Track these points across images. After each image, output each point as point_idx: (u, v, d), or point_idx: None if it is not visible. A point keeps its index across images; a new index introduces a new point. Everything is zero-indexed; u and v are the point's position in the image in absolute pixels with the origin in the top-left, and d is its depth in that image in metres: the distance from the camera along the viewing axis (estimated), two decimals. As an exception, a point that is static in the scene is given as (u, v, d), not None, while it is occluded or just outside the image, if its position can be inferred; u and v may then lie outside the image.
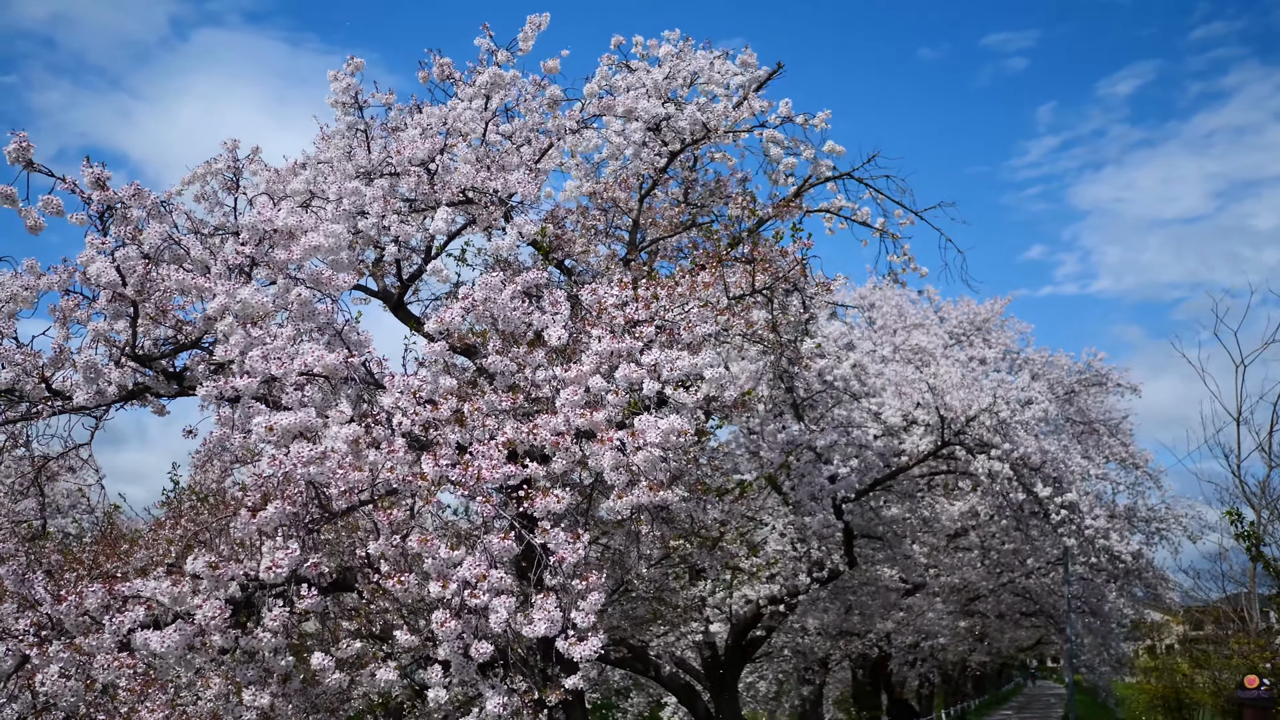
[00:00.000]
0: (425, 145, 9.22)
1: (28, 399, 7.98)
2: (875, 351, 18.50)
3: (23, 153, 7.86)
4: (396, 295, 10.79)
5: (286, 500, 6.79)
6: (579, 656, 6.58)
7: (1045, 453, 16.61)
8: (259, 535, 6.85)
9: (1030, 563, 25.24)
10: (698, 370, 7.70)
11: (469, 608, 6.69)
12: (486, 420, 7.46)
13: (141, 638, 6.60)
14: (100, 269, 7.70)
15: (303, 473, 6.64)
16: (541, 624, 6.60)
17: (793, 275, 12.23)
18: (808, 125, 12.82)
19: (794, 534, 16.93)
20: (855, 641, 25.03)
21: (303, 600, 6.84)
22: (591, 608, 6.71)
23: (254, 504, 6.80)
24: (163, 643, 6.54)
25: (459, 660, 6.82)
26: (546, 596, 6.68)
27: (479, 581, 6.66)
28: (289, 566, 6.66)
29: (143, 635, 6.60)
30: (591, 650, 6.57)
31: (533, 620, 6.63)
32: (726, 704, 18.73)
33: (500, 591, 6.65)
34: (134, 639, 6.72)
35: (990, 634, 38.04)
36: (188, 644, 6.67)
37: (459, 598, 6.67)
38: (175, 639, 6.56)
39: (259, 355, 7.19)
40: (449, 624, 6.64)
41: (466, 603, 6.64)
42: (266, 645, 6.87)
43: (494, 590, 6.65)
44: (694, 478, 13.11)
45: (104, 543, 11.82)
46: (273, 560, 6.63)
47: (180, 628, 6.61)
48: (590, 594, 6.76)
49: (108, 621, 6.73)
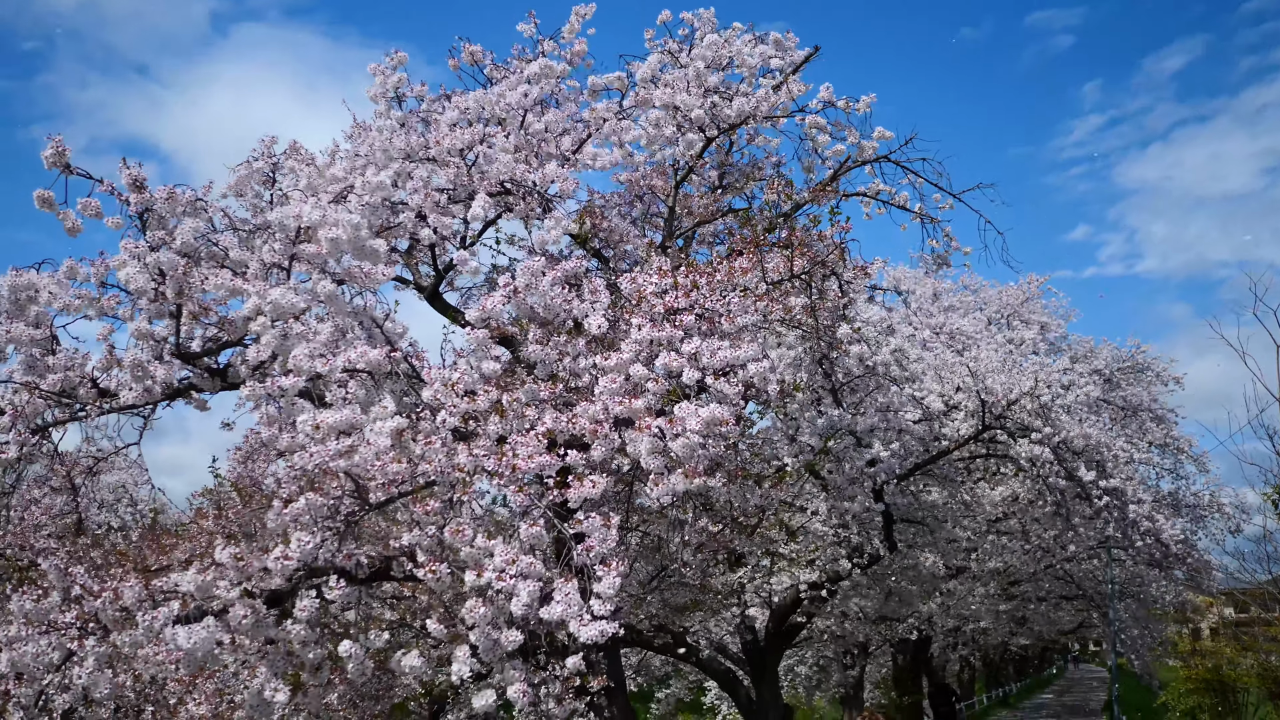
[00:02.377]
0: (465, 135, 9.19)
1: (78, 401, 8.04)
2: (915, 336, 18.34)
3: (59, 156, 7.91)
4: (431, 285, 10.79)
5: (320, 492, 6.79)
6: (585, 637, 6.55)
7: (1088, 437, 16.40)
8: (293, 527, 6.85)
9: (1072, 548, 24.99)
10: (740, 362, 7.63)
11: (496, 591, 6.69)
12: (526, 410, 7.44)
13: (170, 633, 6.61)
14: (131, 275, 7.71)
15: (337, 465, 6.64)
16: (559, 607, 6.58)
17: (831, 260, 12.12)
18: (850, 109, 12.67)
19: (834, 519, 16.84)
20: (896, 626, 24.91)
21: (332, 591, 6.83)
22: (606, 591, 6.64)
23: (287, 496, 6.80)
24: (189, 638, 6.55)
25: (487, 645, 6.80)
26: (568, 580, 6.66)
27: (508, 567, 6.66)
28: (300, 559, 6.64)
29: (172, 630, 6.62)
30: (598, 632, 6.51)
31: (550, 605, 6.61)
32: (767, 689, 18.70)
33: (525, 576, 6.64)
34: (164, 634, 6.73)
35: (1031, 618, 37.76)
36: (215, 640, 6.68)
37: (490, 586, 6.66)
38: (202, 635, 6.57)
39: (303, 353, 7.20)
40: (479, 609, 6.65)
41: (494, 587, 6.64)
42: (295, 637, 6.88)
43: (521, 574, 6.63)
44: (734, 464, 13.06)
45: (149, 538, 11.94)
46: (283, 552, 6.64)
47: (208, 624, 6.63)
48: (606, 579, 6.69)
49: (141, 616, 6.76)
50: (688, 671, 27.05)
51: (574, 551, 6.81)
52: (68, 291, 7.97)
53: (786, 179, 13.41)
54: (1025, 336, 25.08)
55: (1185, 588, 26.08)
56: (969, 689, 46.96)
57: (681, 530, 13.48)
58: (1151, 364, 28.88)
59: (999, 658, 56.25)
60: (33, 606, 6.98)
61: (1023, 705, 51.85)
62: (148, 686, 8.42)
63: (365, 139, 9.87)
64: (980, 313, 25.33)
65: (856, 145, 12.89)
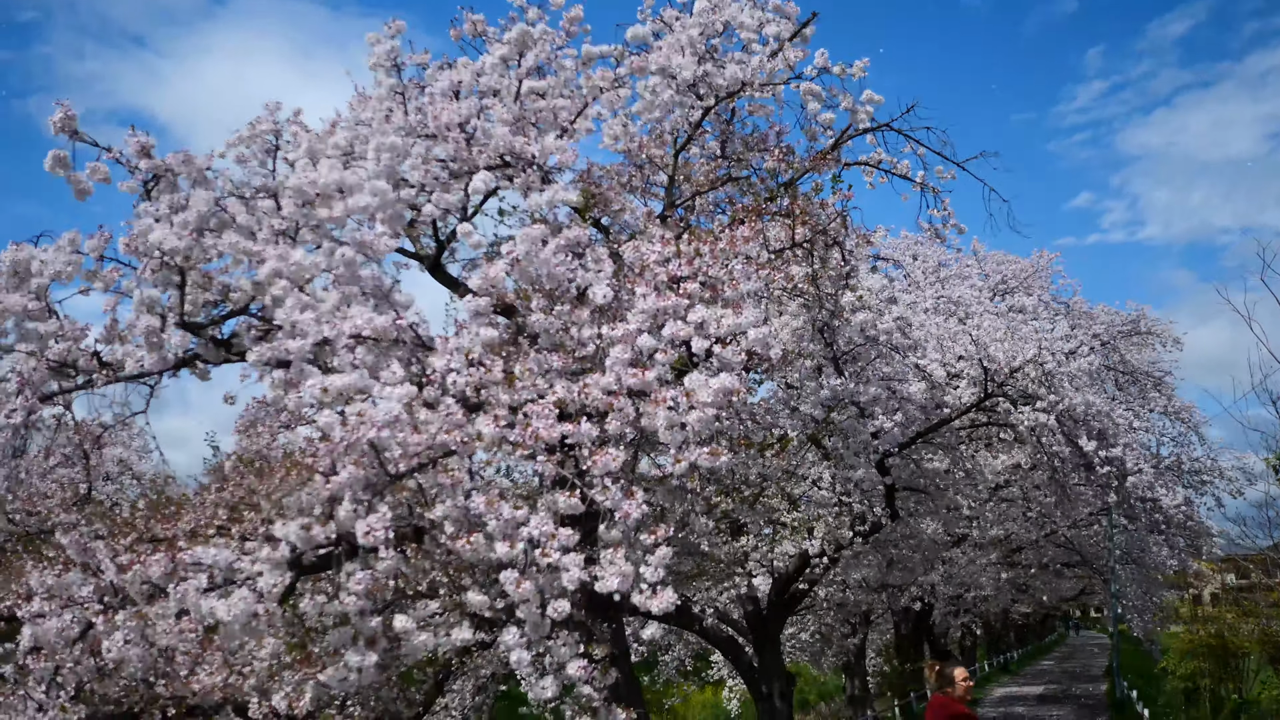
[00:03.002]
0: (462, 108, 9.14)
1: (81, 372, 8.04)
2: (916, 304, 18.34)
3: (68, 122, 7.90)
4: (434, 256, 10.76)
5: (355, 464, 6.76)
6: (657, 609, 6.57)
7: (1090, 405, 16.44)
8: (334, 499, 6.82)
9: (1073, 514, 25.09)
10: (743, 328, 7.64)
11: (539, 567, 6.67)
12: (537, 380, 7.43)
13: (207, 605, 6.62)
14: (163, 236, 7.68)
15: (372, 436, 6.63)
16: (614, 579, 6.59)
17: (833, 228, 12.12)
18: (845, 75, 12.59)
19: (837, 488, 16.90)
20: (898, 594, 25.05)
21: (381, 561, 6.79)
22: (660, 561, 6.69)
23: (325, 468, 6.77)
24: (228, 610, 6.56)
25: (535, 620, 6.80)
26: (616, 551, 6.68)
27: (549, 540, 6.65)
28: (383, 529, 6.63)
29: (208, 604, 6.63)
30: (668, 603, 6.56)
31: (604, 576, 6.62)
32: (769, 656, 18.82)
33: (569, 549, 6.64)
34: (198, 606, 6.73)
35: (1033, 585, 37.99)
36: (253, 611, 6.68)
37: (527, 557, 6.66)
38: (240, 607, 6.58)
39: (311, 318, 7.19)
40: (524, 585, 6.62)
41: (537, 562, 6.62)
42: (353, 608, 6.81)
43: (564, 548, 6.63)
44: (737, 434, 13.10)
45: (154, 508, 12.00)
46: (369, 525, 6.59)
47: (244, 595, 6.63)
48: (659, 549, 6.73)
49: (171, 589, 6.77)
50: (689, 638, 27.21)
51: (610, 521, 6.82)
52: (60, 258, 7.92)
53: (788, 147, 13.36)
54: (1025, 303, 25.09)
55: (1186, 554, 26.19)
56: (971, 656, 47.27)
57: (691, 499, 13.53)
58: (1152, 327, 28.88)
59: (1000, 625, 56.62)
60: (55, 581, 7.01)
61: (1024, 671, 52.19)
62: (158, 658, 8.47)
63: (366, 107, 9.81)
64: (984, 280, 25.33)
65: (850, 111, 12.82)
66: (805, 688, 37.52)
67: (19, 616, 7.06)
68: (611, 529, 6.88)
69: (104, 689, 8.16)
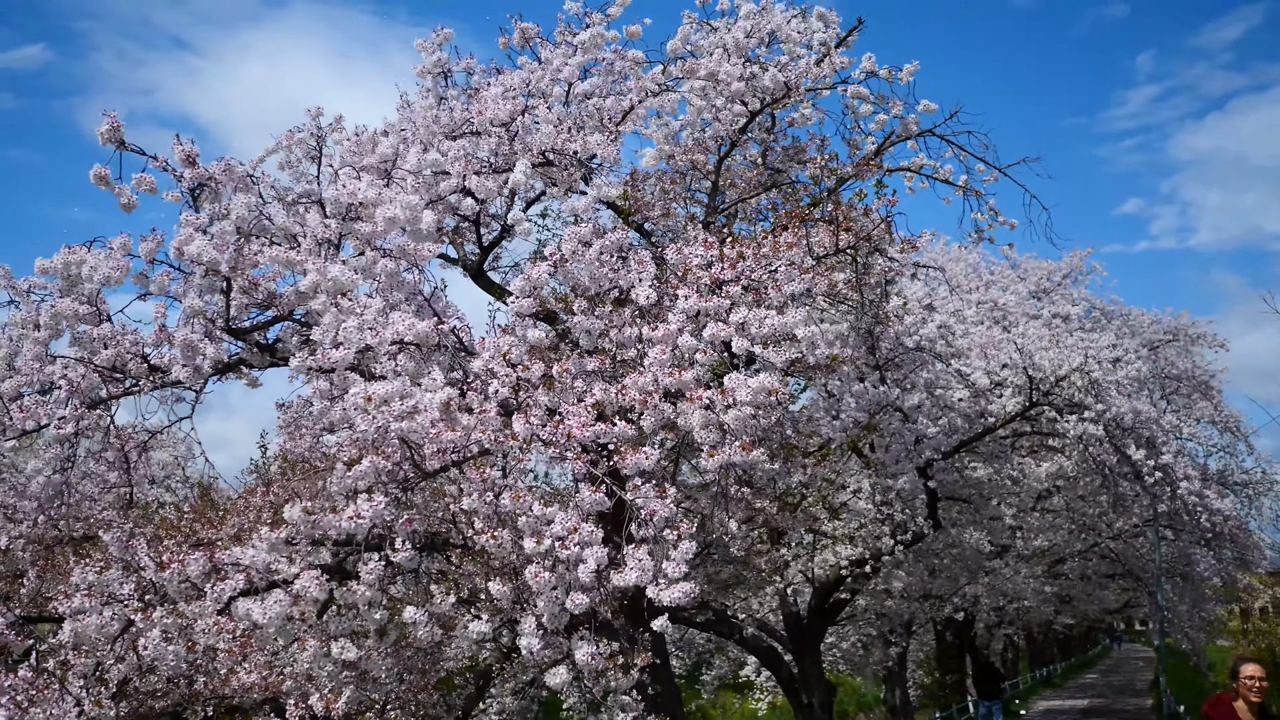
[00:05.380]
0: (507, 106, 9.18)
1: (130, 376, 8.14)
2: (959, 312, 18.17)
3: (115, 133, 8.02)
4: (477, 263, 10.80)
5: (381, 456, 6.82)
6: (669, 601, 6.54)
7: (1138, 413, 16.19)
8: (354, 491, 6.90)
9: (1119, 524, 24.73)
10: (787, 329, 7.59)
11: (560, 559, 6.69)
12: (575, 382, 7.44)
13: (244, 608, 6.70)
14: (200, 248, 7.79)
15: (396, 429, 6.68)
16: (633, 573, 6.59)
17: (876, 234, 12.01)
18: (893, 79, 12.52)
19: (878, 496, 16.76)
20: (940, 604, 24.80)
21: (397, 554, 6.86)
22: (683, 556, 6.68)
23: (349, 459, 6.85)
24: (264, 614, 6.64)
25: (554, 612, 6.81)
26: (638, 547, 6.67)
27: (570, 534, 6.67)
28: (372, 517, 6.68)
29: (245, 606, 6.70)
30: (681, 595, 6.53)
31: (625, 571, 6.61)
32: (810, 666, 18.69)
33: (590, 543, 6.66)
34: (235, 608, 6.84)
35: (1076, 596, 37.48)
36: (287, 614, 6.75)
37: (553, 554, 6.67)
38: (276, 610, 6.65)
39: (353, 326, 7.24)
40: (543, 575, 6.65)
41: (558, 555, 6.64)
42: (362, 598, 6.92)
43: (584, 542, 6.65)
44: (778, 441, 13.02)
45: (199, 512, 12.11)
46: (356, 510, 6.66)
47: (279, 598, 6.70)
48: (681, 544, 6.72)
49: (209, 589, 6.86)
50: (730, 648, 27.09)
51: (638, 518, 6.81)
52: (109, 263, 8.04)
53: (832, 154, 13.28)
54: (1071, 312, 24.77)
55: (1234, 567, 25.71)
56: (1013, 668, 46.73)
57: (725, 503, 13.47)
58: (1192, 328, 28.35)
59: (1043, 636, 55.94)
60: (95, 578, 7.10)
61: (1068, 685, 51.51)
62: (200, 657, 8.54)
63: (410, 115, 9.88)
64: (1021, 284, 25.06)
65: (900, 118, 12.73)
66: (845, 698, 37.23)
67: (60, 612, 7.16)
68: (641, 527, 6.85)
69: (145, 686, 8.24)
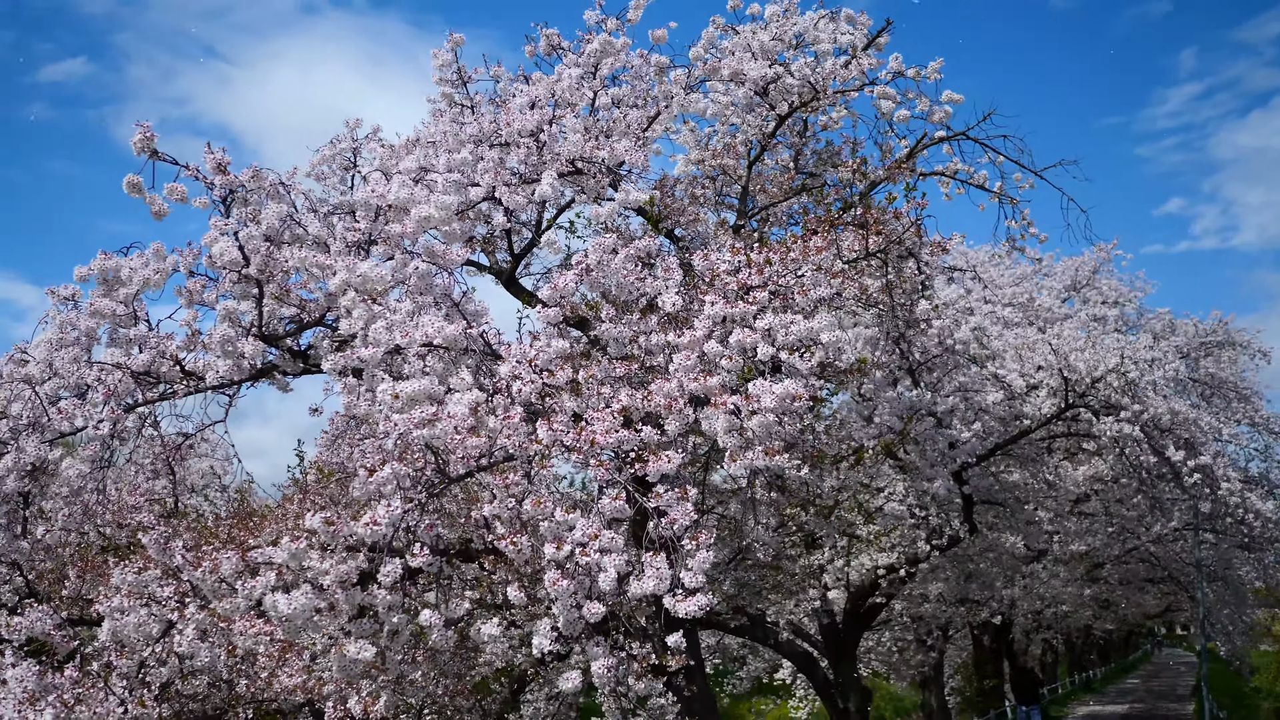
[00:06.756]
0: (534, 117, 9.25)
1: (163, 380, 8.29)
2: (994, 313, 18.06)
3: (147, 143, 8.17)
4: (508, 270, 10.89)
5: (404, 463, 6.88)
6: (684, 613, 6.52)
7: (1176, 414, 16.01)
8: (377, 496, 6.96)
9: (1157, 529, 24.45)
10: (813, 334, 7.59)
11: (579, 566, 6.69)
12: (601, 388, 7.48)
13: (270, 600, 6.80)
14: (224, 249, 7.94)
15: (418, 435, 6.73)
16: (651, 581, 6.57)
17: (907, 237, 11.99)
18: (920, 78, 12.50)
19: (912, 500, 16.68)
20: (976, 608, 24.63)
21: (415, 558, 6.90)
22: (700, 566, 6.63)
23: (371, 465, 6.91)
24: (289, 605, 6.72)
25: (570, 618, 6.84)
26: (656, 555, 6.65)
27: (591, 541, 6.67)
28: (389, 523, 6.74)
29: (272, 598, 6.80)
30: (697, 607, 6.49)
31: (643, 579, 6.61)
32: (845, 671, 18.63)
33: (609, 550, 6.66)
34: (264, 602, 6.92)
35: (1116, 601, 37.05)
36: (314, 607, 6.82)
37: (572, 560, 6.69)
38: (301, 601, 6.73)
39: (383, 326, 7.33)
40: (561, 582, 6.66)
41: (578, 561, 6.65)
42: (382, 601, 6.97)
43: (604, 549, 6.65)
44: (810, 446, 13.00)
45: (238, 519, 12.26)
46: (373, 517, 6.72)
47: (305, 591, 6.78)
48: (699, 552, 6.68)
49: (240, 586, 6.96)
50: (764, 652, 27.01)
51: (658, 525, 6.82)
52: (147, 267, 8.21)
53: (862, 158, 13.27)
54: (1107, 314, 24.55)
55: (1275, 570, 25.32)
56: (1052, 673, 46.29)
57: (755, 509, 13.46)
58: (1236, 337, 27.93)
59: (1082, 641, 55.36)
60: (134, 578, 7.24)
61: (1107, 690, 50.97)
62: (240, 661, 8.67)
63: (439, 123, 9.98)
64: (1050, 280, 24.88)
65: (927, 112, 12.70)
66: (881, 704, 37.00)
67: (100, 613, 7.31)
68: (658, 531, 6.85)
69: (188, 688, 8.37)
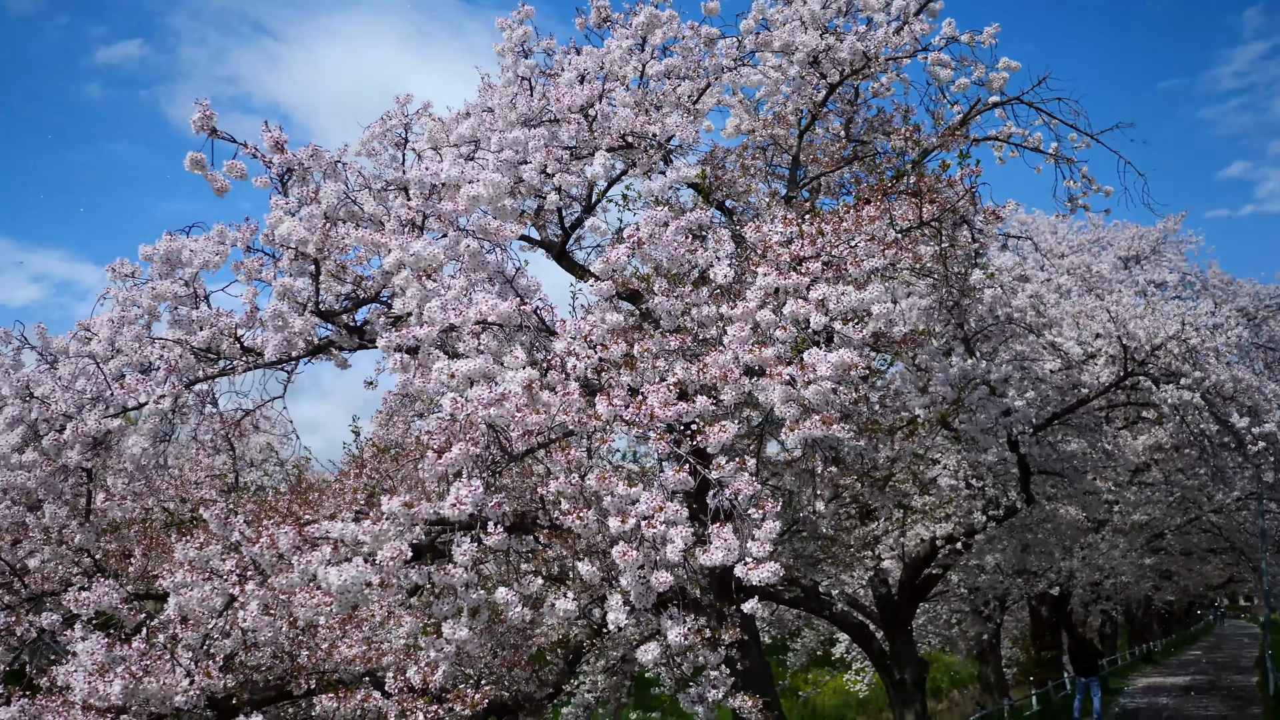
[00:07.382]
0: (584, 92, 9.23)
1: (224, 356, 8.44)
2: (1050, 281, 17.80)
3: (206, 120, 8.29)
4: (559, 244, 10.91)
5: (470, 442, 6.95)
6: (758, 581, 6.57)
7: (1239, 380, 15.69)
8: (445, 476, 7.04)
9: (1220, 498, 24.05)
10: (865, 305, 7.55)
11: (646, 538, 6.75)
12: (656, 362, 7.49)
13: (323, 572, 6.91)
14: (290, 229, 8.03)
15: (484, 415, 6.80)
16: (719, 552, 6.61)
17: (961, 206, 11.84)
18: (974, 44, 12.31)
19: (967, 471, 16.55)
20: (1034, 580, 24.42)
21: (489, 537, 6.99)
22: (767, 536, 6.69)
23: (439, 446, 6.99)
24: (340, 576, 6.83)
25: (640, 590, 6.90)
26: (723, 526, 6.69)
27: (656, 514, 6.71)
28: (473, 503, 6.82)
29: (324, 571, 6.91)
30: (769, 575, 6.54)
31: (710, 550, 6.66)
32: (901, 642, 18.60)
33: (675, 523, 6.70)
34: (317, 575, 7.05)
35: (1177, 571, 36.60)
36: (365, 580, 6.93)
37: (638, 533, 6.74)
38: (352, 574, 6.83)
39: (437, 305, 7.39)
40: (630, 554, 6.73)
41: (644, 534, 6.71)
42: (458, 580, 7.06)
43: (670, 521, 6.69)
44: (865, 416, 12.94)
45: (296, 493, 12.46)
46: (457, 497, 6.79)
47: (358, 564, 6.88)
48: (766, 523, 6.74)
49: (296, 560, 7.09)
50: (819, 624, 27.02)
51: (721, 495, 6.85)
52: (209, 248, 8.35)
53: (915, 125, 13.11)
54: (1166, 279, 24.10)
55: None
56: (1111, 644, 45.83)
57: (812, 480, 13.44)
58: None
59: (1142, 613, 54.74)
60: (196, 554, 7.40)
61: (1168, 662, 50.34)
62: (301, 634, 8.83)
63: (493, 95, 9.97)
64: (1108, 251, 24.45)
65: (985, 79, 12.51)
66: (938, 675, 36.90)
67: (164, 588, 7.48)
68: (719, 502, 6.89)
69: (252, 660, 8.55)
